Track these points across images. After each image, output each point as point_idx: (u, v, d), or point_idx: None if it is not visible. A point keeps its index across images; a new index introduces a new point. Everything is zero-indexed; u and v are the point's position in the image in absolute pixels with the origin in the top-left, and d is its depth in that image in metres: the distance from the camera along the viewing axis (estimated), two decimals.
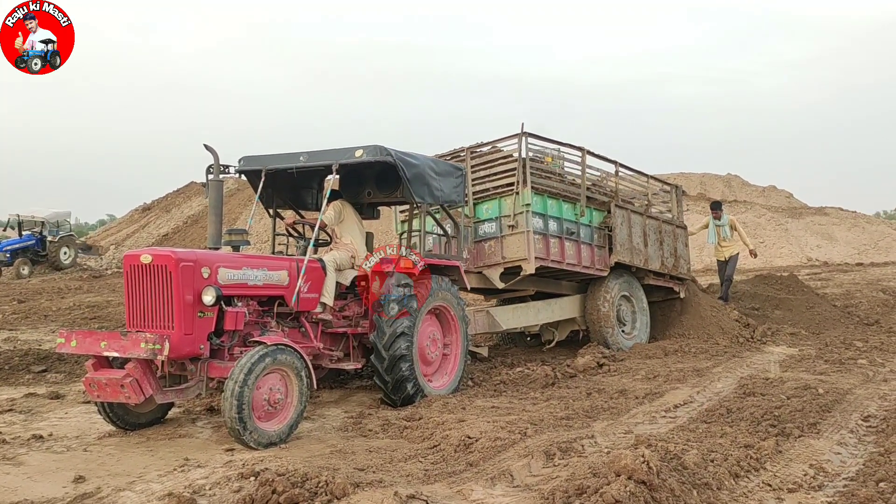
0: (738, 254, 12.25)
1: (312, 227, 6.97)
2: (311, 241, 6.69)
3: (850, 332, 10.58)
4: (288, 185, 7.64)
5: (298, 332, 6.49)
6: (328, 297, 6.63)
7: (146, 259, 5.49)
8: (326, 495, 4.02)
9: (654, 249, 10.26)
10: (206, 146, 6.54)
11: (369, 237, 7.75)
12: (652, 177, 11.04)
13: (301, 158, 6.87)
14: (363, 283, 6.95)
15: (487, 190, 8.99)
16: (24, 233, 28.57)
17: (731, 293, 12.20)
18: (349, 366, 6.75)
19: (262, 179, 7.08)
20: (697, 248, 31.92)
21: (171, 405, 6.27)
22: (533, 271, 8.60)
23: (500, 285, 8.73)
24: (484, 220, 8.84)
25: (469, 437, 5.21)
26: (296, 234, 7.50)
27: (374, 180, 7.89)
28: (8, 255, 27.27)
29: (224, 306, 5.66)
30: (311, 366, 5.75)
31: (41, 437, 5.60)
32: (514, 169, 8.72)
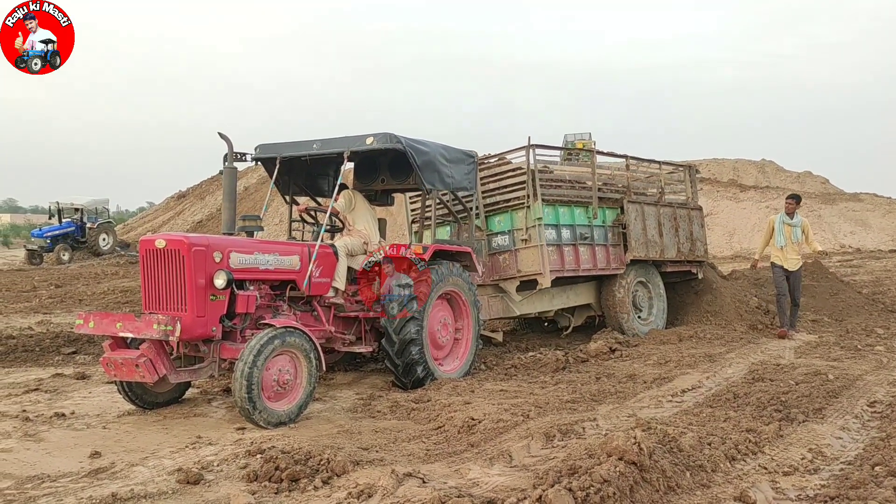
0: (802, 266, 10.18)
1: (326, 214, 7.12)
2: (323, 227, 6.83)
3: (872, 320, 10.48)
4: (303, 173, 7.80)
5: (311, 315, 6.65)
6: (340, 281, 6.77)
7: (160, 244, 5.68)
8: (327, 472, 4.17)
9: (669, 238, 10.23)
10: (220, 134, 6.73)
11: (382, 223, 7.87)
12: (664, 162, 10.98)
13: (314, 146, 7.02)
14: (376, 269, 7.09)
15: (498, 203, 9.02)
16: (63, 220, 29.35)
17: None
18: (361, 349, 6.91)
19: (277, 167, 7.24)
20: (727, 233, 31.71)
21: (188, 385, 6.48)
22: (549, 285, 8.63)
23: (518, 299, 8.80)
24: (497, 233, 8.85)
25: (472, 419, 5.31)
26: (310, 220, 7.65)
27: (388, 167, 7.99)
28: (48, 242, 28.12)
29: (236, 290, 5.82)
30: (319, 348, 5.90)
31: (63, 415, 5.83)
32: (523, 182, 8.73)
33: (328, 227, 7.13)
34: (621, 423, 5.24)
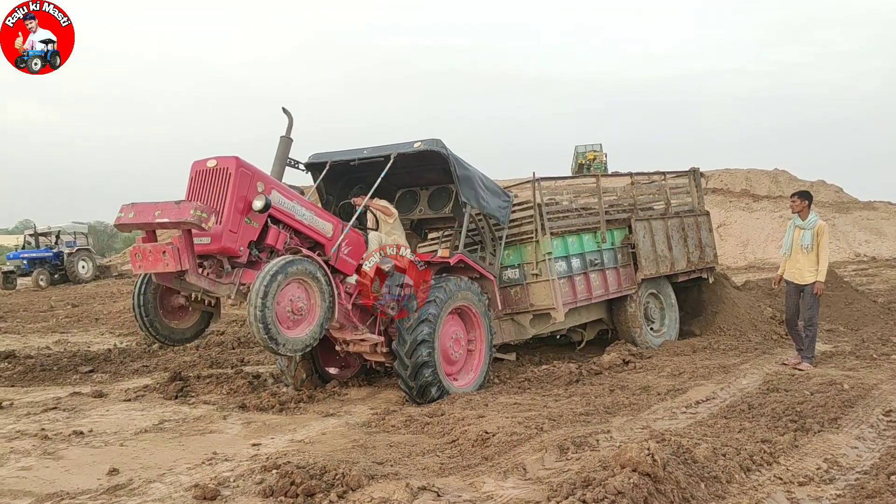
0: (815, 283, 8.01)
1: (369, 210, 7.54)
2: (359, 210, 7.11)
3: (888, 329, 10.39)
4: (348, 190, 8.08)
5: None
6: (369, 265, 6.88)
7: (211, 163, 6.01)
8: (342, 486, 4.20)
9: (678, 250, 10.20)
10: (283, 109, 7.13)
11: (413, 244, 8.10)
12: (668, 173, 10.97)
13: (364, 152, 7.40)
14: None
15: (507, 237, 9.09)
16: (41, 245, 28.61)
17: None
18: (372, 338, 6.96)
19: (325, 170, 7.63)
20: (741, 243, 31.60)
21: (206, 327, 6.77)
22: (563, 318, 8.62)
23: (532, 332, 8.82)
24: (507, 267, 8.86)
25: (486, 433, 5.33)
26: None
27: (428, 199, 8.29)
28: (26, 263, 27.39)
29: (270, 224, 6.09)
30: (335, 285, 6.12)
31: (81, 432, 5.89)
32: (530, 216, 8.75)
33: (362, 222, 7.40)
34: (635, 434, 5.23)
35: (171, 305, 6.59)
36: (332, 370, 7.99)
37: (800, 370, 7.57)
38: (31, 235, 29.71)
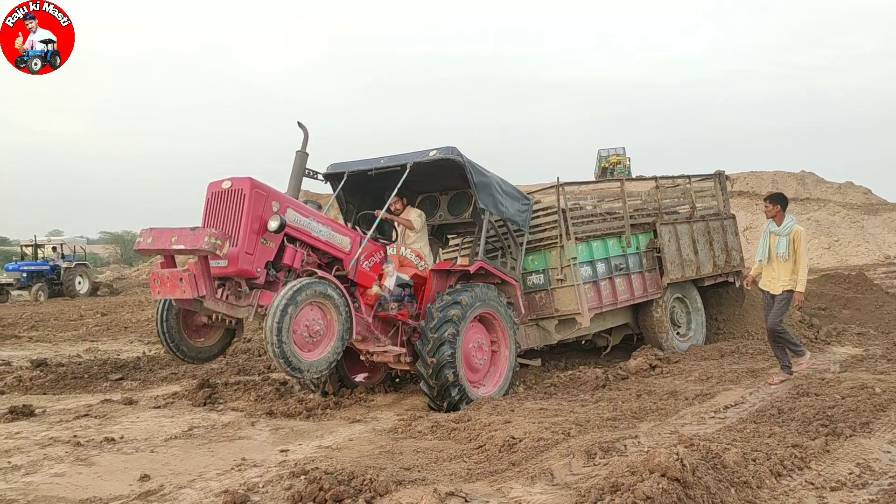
0: (792, 293, 7.36)
1: (388, 223, 7.55)
2: (377, 220, 7.10)
3: None
4: (368, 198, 8.14)
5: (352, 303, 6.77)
6: (390, 280, 6.87)
7: (226, 185, 6.04)
8: (370, 492, 4.21)
9: (704, 254, 10.13)
10: (299, 123, 7.14)
11: (434, 250, 8.12)
12: (692, 176, 10.90)
13: (381, 161, 7.40)
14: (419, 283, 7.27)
15: (530, 242, 9.01)
16: (40, 258, 28.26)
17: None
18: (394, 350, 6.96)
19: (344, 180, 7.67)
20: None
21: (230, 343, 6.81)
22: (588, 324, 8.60)
23: (558, 338, 8.81)
24: (531, 272, 8.87)
25: (513, 438, 5.32)
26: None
27: (448, 204, 8.27)
28: (24, 276, 26.93)
29: (286, 243, 6.10)
30: (349, 299, 6.13)
31: (113, 439, 5.97)
32: (555, 222, 8.74)
33: (379, 234, 7.41)
34: (663, 439, 5.20)
35: (194, 324, 6.66)
36: (359, 377, 8.03)
37: (800, 367, 7.32)
38: (27, 247, 29.12)
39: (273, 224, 5.92)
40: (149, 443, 5.94)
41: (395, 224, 7.88)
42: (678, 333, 9.86)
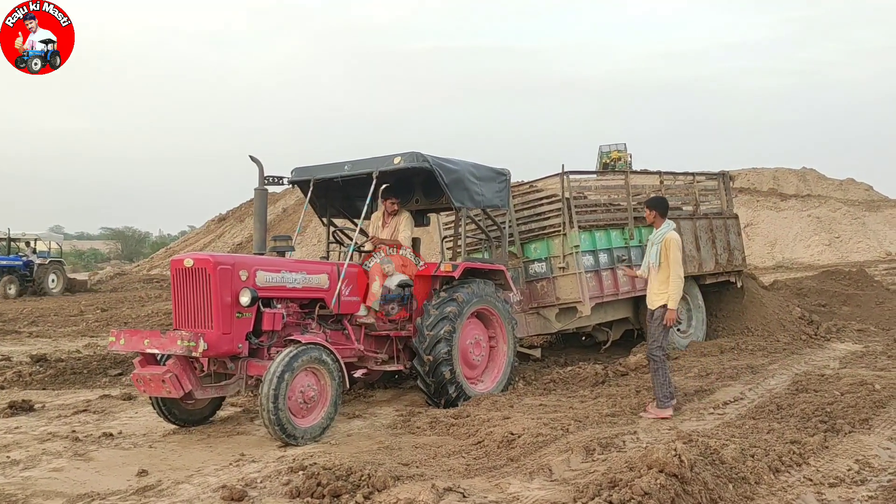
0: (665, 308, 6.34)
1: (362, 233, 7.22)
2: (352, 247, 6.95)
3: None
4: (339, 195, 7.95)
5: (341, 334, 6.70)
6: (375, 302, 6.80)
7: (188, 263, 5.85)
8: (368, 488, 4.20)
9: (706, 251, 10.12)
10: (251, 157, 6.93)
11: (416, 242, 7.95)
12: (697, 174, 10.89)
13: (346, 167, 7.16)
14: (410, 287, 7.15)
15: (533, 230, 9.00)
16: (12, 253, 27.25)
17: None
18: (394, 367, 6.94)
19: (311, 188, 7.38)
20: (769, 243, 31.22)
21: (221, 403, 6.62)
22: (589, 312, 8.59)
23: (558, 326, 8.80)
24: (534, 260, 8.83)
25: (512, 434, 5.32)
26: (346, 240, 7.74)
27: (421, 187, 8.09)
28: None
29: (262, 308, 5.93)
30: (342, 363, 5.95)
31: (111, 434, 5.97)
32: (558, 209, 8.71)
33: (357, 247, 7.20)
34: (662, 435, 5.20)
35: None
36: (358, 373, 8.01)
37: (646, 414, 6.08)
38: (1, 240, 27.85)
39: (245, 299, 5.74)
40: (147, 438, 5.94)
41: (381, 223, 7.69)
42: (679, 330, 9.85)
